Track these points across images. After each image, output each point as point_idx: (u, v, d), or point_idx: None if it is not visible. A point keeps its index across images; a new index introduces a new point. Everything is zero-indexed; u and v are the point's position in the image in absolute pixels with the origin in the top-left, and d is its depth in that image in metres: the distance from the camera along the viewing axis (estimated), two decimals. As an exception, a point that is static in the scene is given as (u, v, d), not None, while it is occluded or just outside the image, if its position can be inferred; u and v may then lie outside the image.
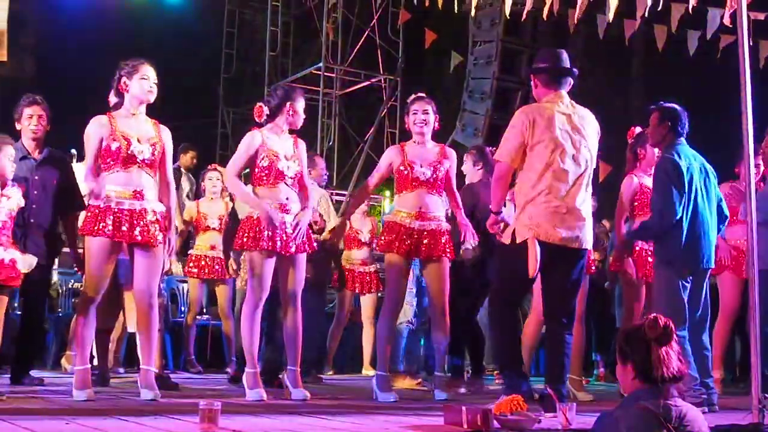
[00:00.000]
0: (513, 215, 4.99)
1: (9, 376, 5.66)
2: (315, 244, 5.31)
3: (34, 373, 5.79)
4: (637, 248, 5.79)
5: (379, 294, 7.56)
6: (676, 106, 5.16)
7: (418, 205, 5.34)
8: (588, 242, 4.59)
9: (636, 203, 5.79)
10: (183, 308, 8.00)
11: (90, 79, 4.96)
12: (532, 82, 4.72)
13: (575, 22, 7.88)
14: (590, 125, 4.64)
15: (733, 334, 6.83)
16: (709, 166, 5.12)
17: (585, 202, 4.55)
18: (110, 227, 4.66)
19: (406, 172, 5.36)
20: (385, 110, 13.33)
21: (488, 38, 10.91)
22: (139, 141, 4.79)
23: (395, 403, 5.06)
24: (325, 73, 13.11)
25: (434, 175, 5.37)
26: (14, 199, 4.93)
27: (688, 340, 4.86)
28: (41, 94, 5.72)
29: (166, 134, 4.95)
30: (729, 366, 7.45)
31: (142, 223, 4.74)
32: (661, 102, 5.22)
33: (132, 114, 4.86)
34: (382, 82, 13.55)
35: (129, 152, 4.74)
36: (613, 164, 8.35)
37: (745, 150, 4.40)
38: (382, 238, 5.38)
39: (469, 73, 11.12)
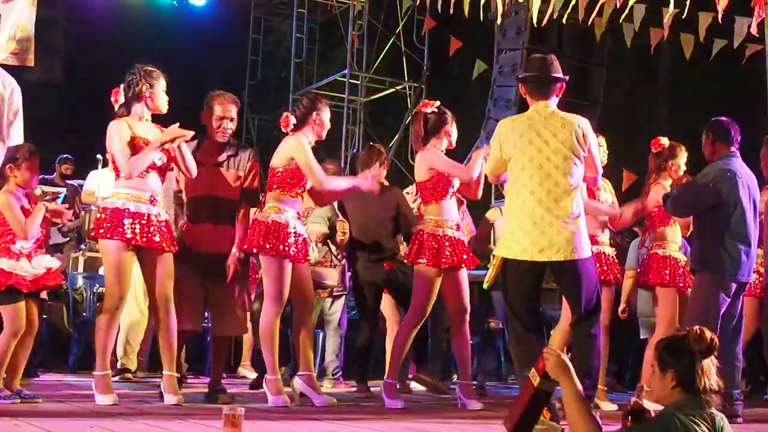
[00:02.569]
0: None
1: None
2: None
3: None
4: (669, 257, 5.77)
5: None
6: (724, 120, 5.16)
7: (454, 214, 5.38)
8: (574, 251, 4.34)
9: (656, 210, 5.76)
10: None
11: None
12: (521, 91, 4.69)
13: (602, 29, 7.90)
14: (576, 131, 4.39)
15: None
16: (755, 180, 5.14)
17: (566, 211, 4.35)
18: (129, 231, 4.70)
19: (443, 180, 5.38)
20: (410, 117, 13.33)
21: (514, 46, 10.90)
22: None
23: (418, 409, 5.07)
24: (350, 80, 13.14)
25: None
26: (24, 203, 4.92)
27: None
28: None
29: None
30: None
31: (156, 227, 4.78)
32: (713, 118, 5.23)
33: (143, 119, 4.91)
34: (407, 89, 13.56)
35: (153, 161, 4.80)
36: (638, 173, 8.30)
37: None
38: (414, 248, 5.38)
39: (494, 80, 11.11)
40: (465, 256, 5.31)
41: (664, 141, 5.87)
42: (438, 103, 5.56)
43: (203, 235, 5.11)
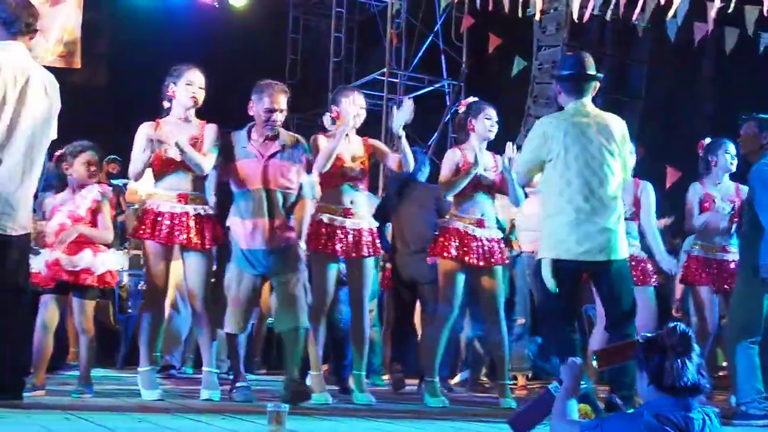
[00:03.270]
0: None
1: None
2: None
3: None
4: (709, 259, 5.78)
5: None
6: None
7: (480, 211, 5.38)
8: (617, 251, 4.43)
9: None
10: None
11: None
12: (558, 89, 4.65)
13: (643, 24, 7.83)
14: (615, 130, 4.49)
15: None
16: None
17: (611, 211, 4.42)
18: (165, 230, 4.78)
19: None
20: (449, 115, 13.32)
21: (553, 43, 10.84)
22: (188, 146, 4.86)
23: (459, 409, 5.08)
24: (389, 79, 13.15)
25: (493, 180, 5.42)
26: (86, 200, 5.00)
27: (757, 353, 4.79)
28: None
29: (207, 131, 4.98)
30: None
31: (191, 225, 4.83)
32: (755, 113, 5.18)
33: (181, 119, 4.96)
34: (446, 87, 13.53)
35: (167, 157, 4.84)
36: (682, 170, 8.21)
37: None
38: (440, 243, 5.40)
39: (533, 78, 11.06)
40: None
41: (709, 141, 5.90)
42: (471, 99, 5.61)
43: (257, 231, 4.88)
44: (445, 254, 5.29)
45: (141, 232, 4.84)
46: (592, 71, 4.56)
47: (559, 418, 2.99)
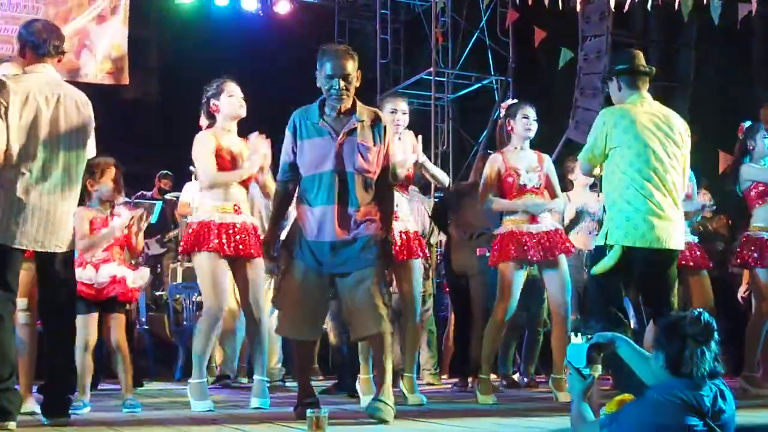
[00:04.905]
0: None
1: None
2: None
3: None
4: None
5: None
6: None
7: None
8: (680, 242, 4.46)
9: (753, 193, 5.69)
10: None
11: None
12: (613, 84, 4.63)
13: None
14: (675, 124, 4.53)
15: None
16: None
17: (675, 201, 4.44)
18: (216, 241, 4.83)
19: (511, 180, 5.38)
20: (498, 112, 13.22)
21: (598, 32, 10.68)
22: (241, 158, 4.98)
23: (509, 408, 5.07)
24: (436, 78, 13.12)
25: (539, 182, 5.41)
26: (124, 217, 5.07)
27: None
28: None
29: (251, 144, 5.02)
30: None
31: (243, 236, 4.89)
32: None
33: (227, 131, 5.02)
34: (494, 83, 13.46)
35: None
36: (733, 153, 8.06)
37: None
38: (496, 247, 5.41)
39: (579, 69, 10.93)
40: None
41: (749, 124, 5.81)
42: (510, 101, 5.64)
43: (326, 221, 4.30)
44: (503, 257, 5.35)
45: (194, 245, 4.89)
46: (645, 66, 4.59)
47: (578, 421, 3.00)
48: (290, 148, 4.41)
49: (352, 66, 4.39)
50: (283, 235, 4.63)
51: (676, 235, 4.40)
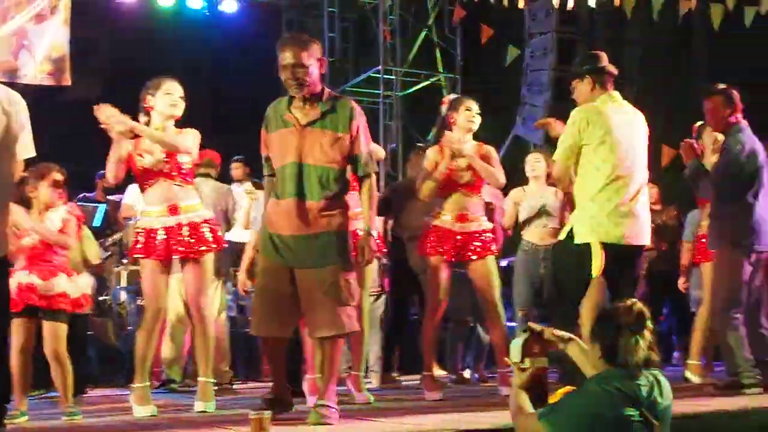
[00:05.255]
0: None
1: None
2: None
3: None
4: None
5: None
6: (734, 90, 5.12)
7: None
8: (647, 238, 4.60)
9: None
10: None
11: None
12: (584, 84, 4.66)
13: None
14: (641, 125, 4.65)
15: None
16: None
17: (642, 198, 4.55)
18: (159, 246, 4.76)
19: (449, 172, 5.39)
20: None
21: (544, 29, 10.79)
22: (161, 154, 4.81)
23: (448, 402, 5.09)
24: (385, 76, 13.12)
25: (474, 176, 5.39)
26: (55, 223, 4.95)
27: (742, 322, 4.88)
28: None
29: (187, 137, 4.90)
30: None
31: (184, 236, 4.80)
32: (721, 85, 5.18)
33: (162, 130, 4.89)
34: (442, 80, 13.48)
35: (145, 167, 4.79)
36: (677, 148, 8.18)
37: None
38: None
39: (526, 66, 11.01)
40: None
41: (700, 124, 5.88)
42: (452, 96, 5.64)
43: (287, 215, 4.20)
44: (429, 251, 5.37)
45: (135, 251, 4.83)
46: (612, 67, 4.72)
47: (516, 414, 3.04)
48: (264, 141, 4.37)
49: (307, 54, 4.20)
50: None
51: (645, 232, 4.54)
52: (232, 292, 7.88)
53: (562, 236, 4.62)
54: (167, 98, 4.87)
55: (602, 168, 4.43)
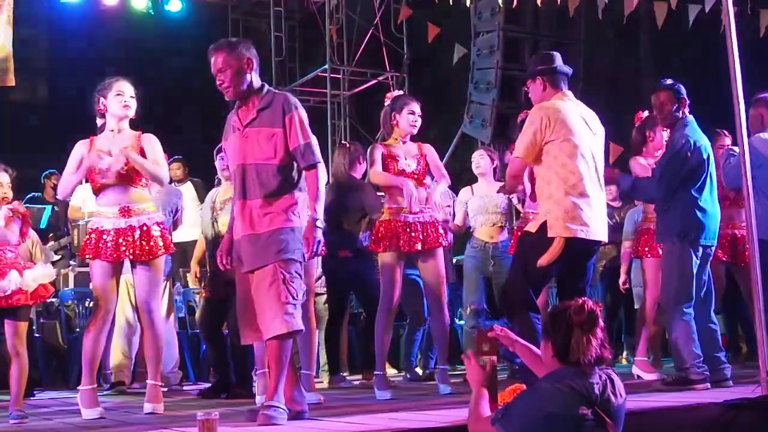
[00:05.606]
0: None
1: None
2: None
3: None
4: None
5: None
6: (681, 85, 5.18)
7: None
8: (604, 235, 4.59)
9: None
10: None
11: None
12: (537, 84, 4.70)
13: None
14: (596, 121, 4.67)
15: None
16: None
17: (600, 195, 4.58)
18: (109, 249, 4.73)
19: (391, 166, 5.43)
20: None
21: (489, 28, 10.84)
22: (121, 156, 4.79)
23: (398, 400, 5.11)
24: (332, 75, 13.11)
25: (418, 167, 5.44)
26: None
27: (693, 317, 4.91)
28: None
29: (147, 141, 4.90)
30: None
31: (134, 238, 4.78)
32: (668, 80, 5.23)
33: (114, 132, 4.88)
34: (389, 79, 13.52)
35: (101, 168, 4.76)
36: (624, 145, 8.29)
37: (737, 123, 4.41)
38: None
39: (473, 64, 11.06)
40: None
41: (647, 115, 5.93)
42: (397, 93, 5.67)
43: (238, 217, 4.21)
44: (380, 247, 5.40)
45: (86, 251, 4.79)
46: (565, 66, 4.73)
47: (472, 417, 3.03)
48: (224, 150, 4.44)
49: (224, 59, 4.17)
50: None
51: (604, 227, 4.58)
52: (181, 293, 7.84)
53: (532, 229, 4.57)
54: (120, 98, 4.85)
55: (567, 165, 4.43)
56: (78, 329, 7.53)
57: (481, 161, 6.74)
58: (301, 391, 4.33)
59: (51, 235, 8.92)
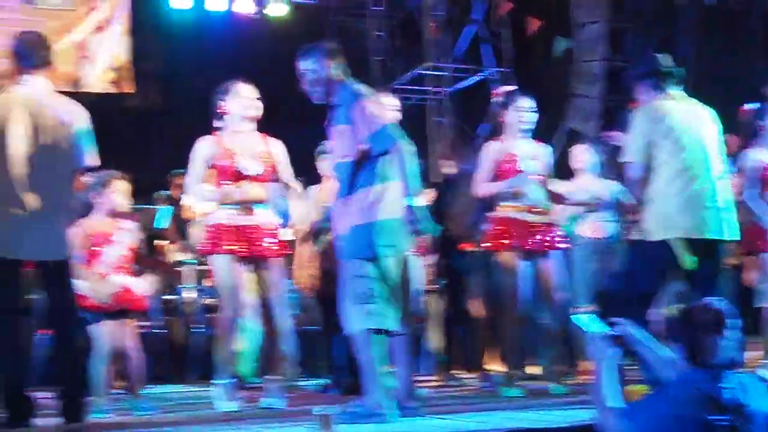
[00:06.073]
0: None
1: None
2: None
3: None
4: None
5: None
6: None
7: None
8: (726, 232, 4.50)
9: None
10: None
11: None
12: (640, 88, 4.67)
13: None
14: (708, 117, 4.60)
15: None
16: None
17: (719, 191, 4.50)
18: (232, 244, 4.86)
19: (508, 166, 5.41)
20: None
21: (593, 19, 10.71)
22: (245, 157, 4.95)
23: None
24: (434, 72, 13.13)
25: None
26: (132, 231, 5.19)
27: None
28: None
29: (275, 144, 5.08)
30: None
31: (257, 237, 4.91)
32: None
33: (237, 131, 5.02)
34: (491, 74, 13.45)
35: (235, 168, 4.92)
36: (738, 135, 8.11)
37: None
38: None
39: (576, 56, 10.94)
40: None
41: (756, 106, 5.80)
42: (507, 88, 5.61)
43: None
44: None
45: (210, 248, 4.92)
46: (668, 66, 4.64)
47: (598, 405, 2.96)
48: None
49: (302, 65, 4.39)
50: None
51: (720, 226, 4.48)
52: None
53: (656, 236, 4.45)
54: (239, 101, 4.99)
55: (669, 164, 4.40)
56: (197, 325, 7.75)
57: (583, 156, 6.66)
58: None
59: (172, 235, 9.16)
